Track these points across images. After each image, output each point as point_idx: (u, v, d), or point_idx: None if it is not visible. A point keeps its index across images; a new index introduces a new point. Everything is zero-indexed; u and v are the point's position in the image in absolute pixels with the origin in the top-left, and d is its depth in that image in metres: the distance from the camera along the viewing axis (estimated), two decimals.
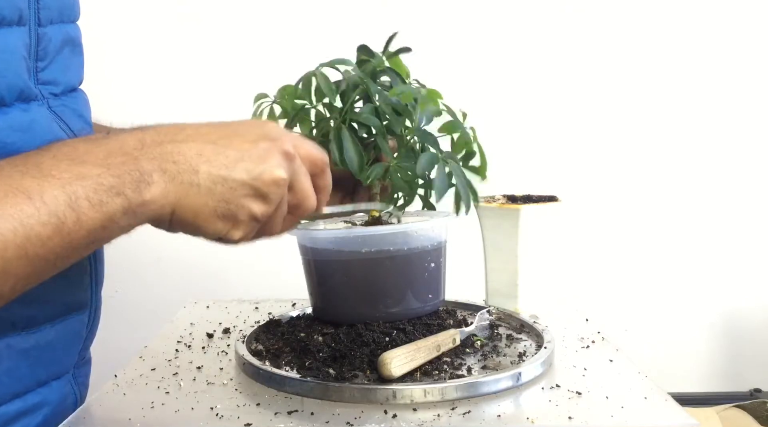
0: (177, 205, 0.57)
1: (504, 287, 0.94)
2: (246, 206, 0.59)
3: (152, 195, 0.55)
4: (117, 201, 0.54)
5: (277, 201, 0.61)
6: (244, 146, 0.59)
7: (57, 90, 0.71)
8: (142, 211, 0.56)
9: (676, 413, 0.62)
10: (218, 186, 0.58)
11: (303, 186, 0.63)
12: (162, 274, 1.49)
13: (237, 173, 0.58)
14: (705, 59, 1.47)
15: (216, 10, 1.46)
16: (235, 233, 0.60)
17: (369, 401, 0.64)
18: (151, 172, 0.56)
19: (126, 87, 1.46)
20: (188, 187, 0.57)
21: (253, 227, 0.61)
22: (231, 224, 0.59)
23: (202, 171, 0.57)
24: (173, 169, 0.56)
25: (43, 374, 0.69)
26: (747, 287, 1.53)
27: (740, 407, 1.33)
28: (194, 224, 0.58)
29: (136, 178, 0.55)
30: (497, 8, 1.45)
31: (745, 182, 1.50)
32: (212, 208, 0.58)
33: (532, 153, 1.47)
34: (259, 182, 0.59)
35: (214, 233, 0.59)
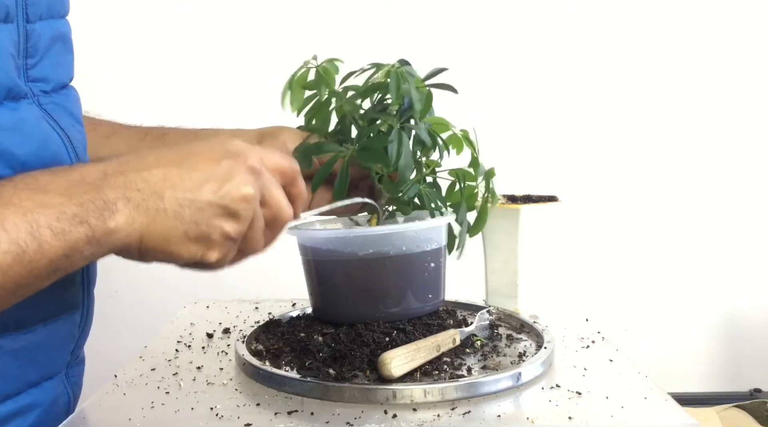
0: (144, 233, 0.56)
1: (504, 287, 0.94)
2: (217, 226, 0.58)
3: (117, 223, 0.55)
4: (80, 230, 0.53)
5: (249, 217, 0.60)
6: (207, 166, 0.59)
7: (47, 87, 0.69)
8: (106, 240, 0.55)
9: (676, 413, 0.62)
10: (185, 209, 0.57)
11: (275, 198, 0.62)
12: (162, 274, 1.48)
13: (203, 195, 0.58)
14: (705, 59, 1.47)
15: (217, 8, 1.46)
16: (211, 255, 0.59)
17: (369, 401, 0.64)
18: (115, 200, 0.55)
19: (126, 86, 1.46)
20: (154, 213, 0.56)
21: (229, 246, 0.60)
22: (204, 245, 0.59)
23: (168, 196, 0.57)
24: (137, 197, 0.56)
25: (34, 375, 0.68)
26: (747, 287, 1.53)
27: (740, 407, 1.33)
28: (166, 250, 0.58)
29: (100, 207, 0.54)
30: (498, 8, 1.45)
31: (745, 181, 1.51)
32: (182, 232, 0.57)
33: (532, 153, 1.47)
34: (227, 200, 0.58)
35: (189, 256, 0.59)
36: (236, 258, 0.64)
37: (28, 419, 0.68)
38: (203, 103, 1.45)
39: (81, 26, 1.50)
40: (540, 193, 0.96)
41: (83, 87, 0.79)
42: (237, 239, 0.60)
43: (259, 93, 1.43)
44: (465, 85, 1.48)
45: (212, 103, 1.45)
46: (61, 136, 0.68)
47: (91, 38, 1.47)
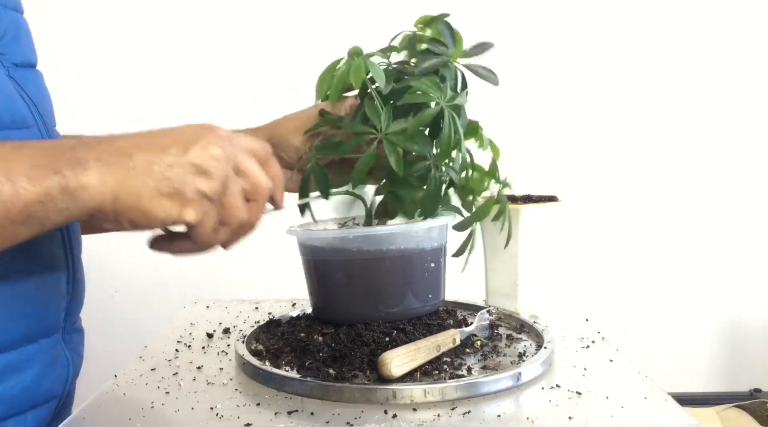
0: (117, 190, 0.57)
1: (504, 287, 0.94)
2: (189, 182, 0.59)
3: (89, 179, 0.57)
4: (54, 178, 0.56)
5: (221, 176, 0.60)
6: (175, 135, 0.61)
7: (17, 60, 0.75)
8: (80, 194, 0.57)
9: (676, 413, 0.62)
10: (155, 166, 0.58)
11: (249, 167, 0.63)
12: (162, 274, 1.49)
13: (171, 154, 0.59)
14: (705, 59, 1.48)
15: (211, 6, 1.46)
16: (188, 212, 0.59)
17: (369, 401, 0.64)
18: (87, 159, 0.57)
19: (120, 85, 1.46)
20: (125, 171, 0.58)
21: (207, 206, 0.60)
22: (179, 202, 0.59)
23: (137, 156, 0.59)
24: (108, 158, 0.58)
25: (29, 327, 0.71)
26: (747, 287, 1.53)
27: (740, 407, 1.33)
28: (139, 207, 0.58)
29: (73, 162, 0.57)
30: (497, 8, 1.45)
31: (745, 181, 1.51)
32: (154, 188, 0.58)
33: (532, 153, 1.47)
34: (197, 158, 0.59)
35: (165, 214, 0.59)
36: (224, 232, 0.63)
37: (28, 375, 0.70)
38: (197, 102, 1.45)
39: (76, 24, 1.51)
40: (540, 193, 0.96)
41: (76, 85, 0.80)
42: (213, 198, 0.60)
43: (254, 91, 1.44)
44: None
45: (207, 102, 1.45)
46: (27, 103, 0.74)
47: (85, 36, 1.47)
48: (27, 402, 0.71)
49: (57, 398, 0.76)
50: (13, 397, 0.69)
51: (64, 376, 0.76)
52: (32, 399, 0.72)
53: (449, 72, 0.76)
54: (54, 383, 0.75)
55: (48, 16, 1.45)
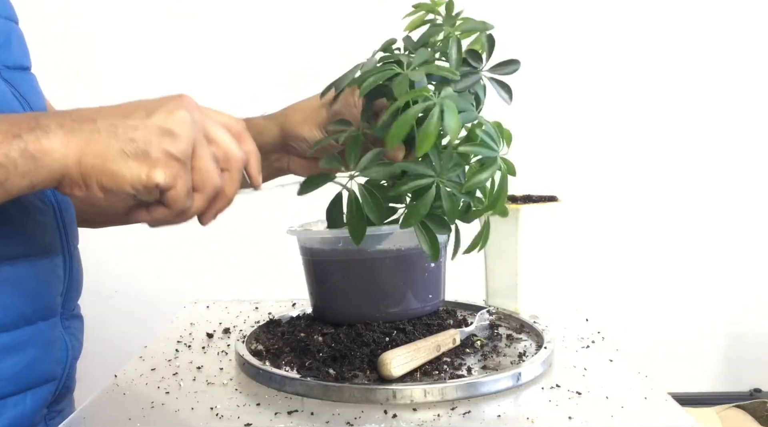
0: (81, 153, 0.57)
1: (504, 287, 0.94)
2: (154, 142, 0.58)
3: (50, 143, 0.57)
4: (14, 142, 0.56)
5: (188, 137, 0.59)
6: (141, 102, 0.61)
7: (9, 62, 0.76)
8: (41, 158, 0.57)
9: (676, 413, 0.62)
10: (119, 128, 0.58)
11: (219, 135, 0.62)
12: (162, 274, 1.49)
13: (135, 115, 0.59)
14: (705, 59, 1.47)
15: (211, 6, 1.46)
16: (156, 174, 0.58)
17: (369, 401, 0.64)
18: (48, 124, 0.57)
19: (120, 85, 1.46)
20: (88, 134, 0.58)
21: (176, 167, 0.59)
22: (147, 164, 0.58)
23: (100, 120, 0.58)
24: (70, 124, 0.58)
25: (27, 307, 0.72)
26: (747, 287, 1.53)
27: (740, 407, 1.33)
28: (105, 169, 0.57)
29: (33, 127, 0.57)
30: (496, 7, 1.45)
31: (746, 182, 1.51)
32: (119, 149, 0.57)
33: (532, 153, 1.47)
34: (161, 120, 0.59)
35: (132, 176, 0.58)
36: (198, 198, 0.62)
37: (26, 355, 0.72)
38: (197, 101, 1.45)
39: (75, 24, 1.51)
40: (540, 193, 0.96)
41: (75, 84, 0.80)
42: (182, 159, 0.59)
43: (254, 91, 1.44)
44: None
45: (206, 102, 1.45)
46: (21, 103, 0.75)
47: (85, 36, 1.47)
48: (26, 382, 0.72)
49: (56, 380, 0.77)
50: (11, 376, 0.70)
51: (63, 359, 0.77)
52: (31, 379, 0.73)
53: (479, 87, 0.76)
54: (52, 365, 0.76)
55: (47, 17, 1.45)
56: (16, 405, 0.71)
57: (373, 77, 0.70)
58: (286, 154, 0.82)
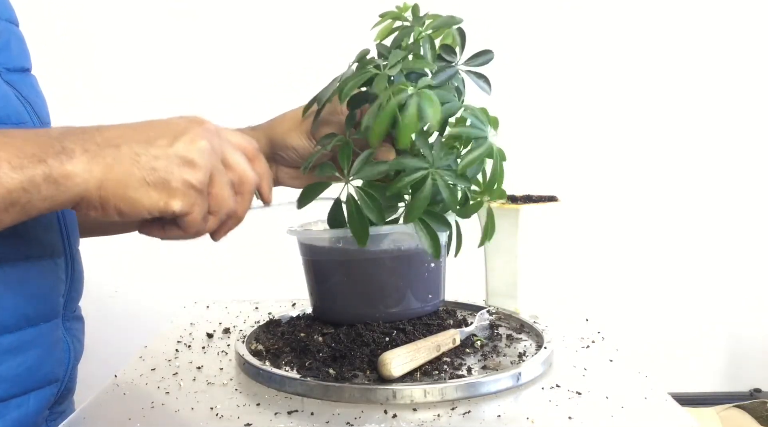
0: (103, 179, 0.58)
1: (504, 287, 0.94)
2: (175, 172, 0.59)
3: (74, 168, 0.57)
4: (38, 167, 0.56)
5: (207, 167, 0.61)
6: (162, 126, 0.62)
7: (9, 65, 0.76)
8: (64, 182, 0.57)
9: (676, 413, 0.62)
10: (142, 156, 0.59)
11: (236, 160, 0.64)
12: (162, 274, 1.49)
13: (158, 145, 0.60)
14: (705, 60, 1.47)
15: (211, 6, 1.46)
16: (174, 203, 0.60)
17: (369, 401, 0.64)
18: (73, 148, 0.58)
19: (120, 85, 1.46)
20: (111, 161, 0.58)
21: (194, 196, 0.61)
22: (165, 193, 0.60)
23: (124, 146, 0.59)
24: (94, 148, 0.58)
25: (27, 310, 0.72)
26: (747, 287, 1.53)
27: (740, 407, 1.33)
28: (125, 196, 0.59)
29: (58, 151, 0.57)
30: (496, 7, 1.45)
31: (746, 182, 1.51)
32: (140, 178, 0.59)
33: (532, 153, 1.47)
34: (183, 150, 0.60)
35: (150, 204, 0.59)
36: (213, 220, 0.64)
37: (28, 357, 0.72)
38: (197, 102, 1.45)
39: (76, 24, 1.51)
40: (540, 193, 0.96)
41: (75, 85, 0.80)
42: (200, 188, 0.61)
43: (254, 91, 1.44)
44: None
45: (206, 102, 1.45)
46: (23, 103, 0.75)
47: (85, 36, 1.47)
48: (29, 383, 0.72)
49: (59, 381, 0.77)
50: (14, 377, 0.71)
51: (65, 360, 0.78)
52: (34, 381, 0.73)
53: (458, 80, 0.77)
54: (55, 367, 0.76)
55: (47, 18, 1.45)
56: (19, 407, 0.72)
57: (353, 82, 0.70)
58: (273, 163, 0.83)
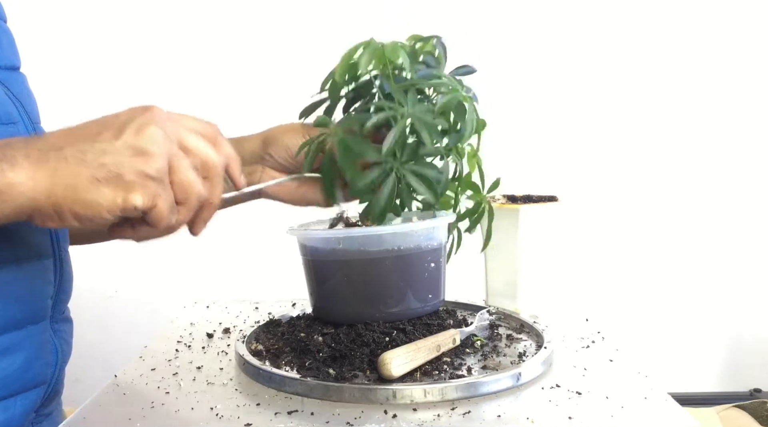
0: (50, 184, 0.55)
1: (504, 287, 0.94)
2: (126, 164, 0.55)
3: (17, 176, 0.54)
4: None
5: (162, 153, 0.57)
6: (107, 120, 0.58)
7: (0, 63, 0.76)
8: (8, 192, 0.54)
9: (676, 413, 0.62)
10: (87, 154, 0.55)
11: (195, 143, 0.60)
12: (162, 274, 1.49)
13: (103, 139, 0.56)
14: (705, 60, 1.47)
15: (210, 8, 1.46)
16: (134, 197, 0.56)
17: (369, 401, 0.64)
18: (14, 156, 0.55)
19: (113, 84, 1.46)
20: (55, 163, 0.55)
21: (155, 187, 0.57)
22: (122, 188, 0.56)
23: (67, 147, 0.56)
24: (36, 154, 0.55)
25: (16, 312, 0.71)
26: (747, 287, 1.53)
27: (740, 407, 1.33)
28: (78, 199, 0.55)
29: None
30: (497, 7, 1.45)
31: (746, 183, 1.51)
32: (89, 176, 0.55)
33: (532, 153, 1.47)
34: (131, 139, 0.56)
35: (108, 203, 0.56)
36: (183, 211, 0.60)
37: (16, 359, 0.71)
38: (196, 104, 1.45)
39: (63, 22, 1.50)
40: (540, 193, 0.96)
41: (65, 82, 0.80)
42: (158, 177, 0.57)
43: (254, 90, 1.44)
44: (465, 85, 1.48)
45: (202, 101, 1.45)
46: (14, 101, 0.74)
47: (74, 34, 1.47)
48: (15, 386, 0.71)
49: (46, 383, 0.76)
50: (0, 380, 0.70)
51: (52, 362, 0.77)
52: (21, 383, 0.72)
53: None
54: (42, 369, 0.75)
55: (35, 14, 1.44)
56: (6, 410, 0.71)
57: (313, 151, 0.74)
58: (260, 166, 0.80)
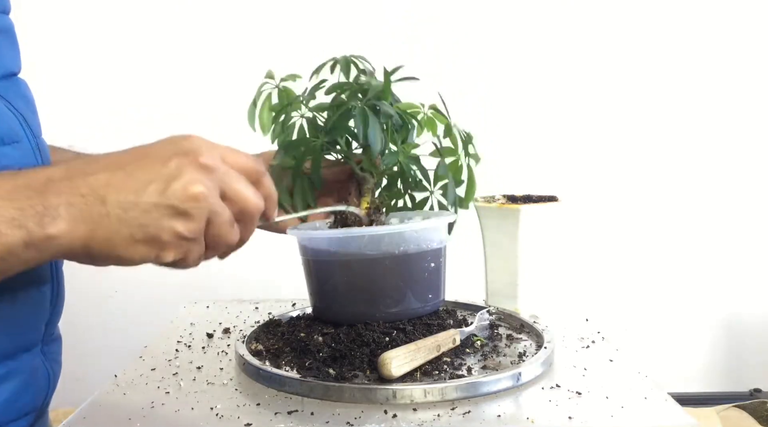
0: (88, 239, 0.55)
1: (504, 287, 0.94)
2: (166, 227, 0.56)
3: (57, 230, 0.54)
4: (17, 233, 0.53)
5: (202, 216, 0.57)
6: (155, 168, 0.56)
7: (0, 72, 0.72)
8: (46, 245, 0.54)
9: (676, 413, 0.62)
10: (130, 212, 0.55)
11: (236, 191, 0.60)
12: (162, 274, 1.48)
13: (148, 196, 0.55)
14: (705, 59, 1.47)
15: (209, 8, 1.46)
16: (166, 255, 0.57)
17: (369, 401, 0.64)
18: (57, 206, 0.54)
19: (110, 89, 1.46)
20: (98, 218, 0.55)
21: (187, 246, 0.58)
22: (156, 247, 0.57)
23: (111, 200, 0.55)
24: (80, 203, 0.54)
25: (8, 344, 0.69)
26: (747, 287, 1.53)
27: (740, 407, 1.33)
28: (113, 254, 0.56)
29: (40, 212, 0.53)
30: (497, 7, 1.45)
31: (745, 182, 1.50)
32: (127, 235, 0.55)
33: (532, 153, 1.47)
34: (174, 200, 0.56)
35: (140, 259, 0.57)
36: (212, 254, 0.61)
37: (6, 389, 0.68)
38: (196, 104, 1.45)
39: (77, 27, 1.50)
40: (540, 193, 0.96)
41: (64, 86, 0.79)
42: (194, 237, 0.57)
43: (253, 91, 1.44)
44: (465, 85, 1.49)
45: (205, 104, 1.45)
46: (16, 115, 0.71)
47: (87, 37, 1.47)
48: (5, 417, 0.69)
49: (36, 410, 0.74)
50: None
51: (44, 388, 0.74)
52: (11, 414, 0.69)
53: None
54: (33, 397, 0.73)
55: (33, 19, 1.44)
56: None
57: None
58: None
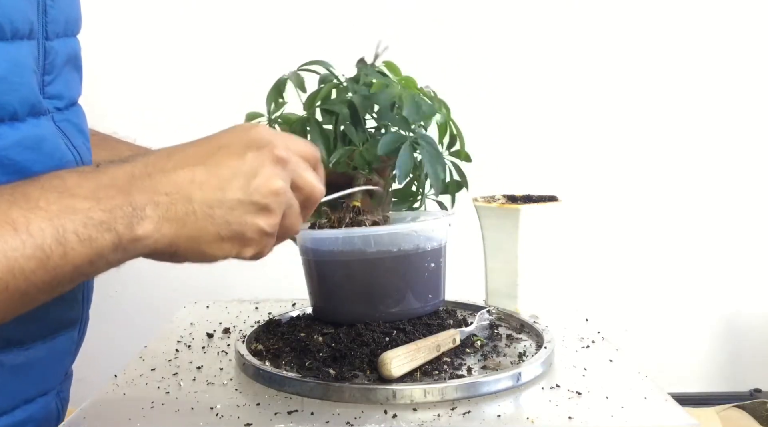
0: (175, 237, 0.55)
1: (504, 287, 0.94)
2: (250, 223, 0.57)
3: (145, 230, 0.54)
4: (107, 237, 0.52)
5: (282, 209, 0.59)
6: (233, 162, 0.57)
7: (61, 104, 0.69)
8: (133, 246, 0.54)
9: (676, 413, 0.62)
10: (215, 210, 0.56)
11: (306, 180, 0.61)
12: (162, 274, 1.49)
13: (232, 193, 0.56)
14: (705, 59, 1.47)
15: (210, 11, 1.46)
16: (247, 251, 0.58)
17: (369, 401, 0.64)
18: (143, 206, 0.54)
19: (123, 91, 1.46)
20: (184, 216, 0.55)
21: (266, 240, 0.59)
22: (239, 243, 0.58)
23: (196, 198, 0.55)
24: (166, 201, 0.55)
25: (32, 390, 0.68)
26: (747, 287, 1.53)
27: (740, 407, 1.33)
28: (199, 251, 0.57)
29: (128, 214, 0.53)
30: (497, 6, 1.45)
31: (745, 181, 1.50)
32: (214, 233, 0.56)
33: (532, 153, 1.47)
34: (257, 196, 0.57)
35: (223, 255, 0.58)
36: (277, 243, 0.62)
37: None
38: (195, 106, 1.45)
39: None
40: (540, 193, 0.96)
41: None
42: (273, 232, 0.59)
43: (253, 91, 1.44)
44: (465, 85, 1.49)
45: (205, 105, 1.45)
46: (74, 155, 0.68)
47: (87, 37, 1.47)
48: None
49: None
50: None
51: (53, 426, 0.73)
52: None
53: None
54: None
55: None
56: None
57: None
58: None
